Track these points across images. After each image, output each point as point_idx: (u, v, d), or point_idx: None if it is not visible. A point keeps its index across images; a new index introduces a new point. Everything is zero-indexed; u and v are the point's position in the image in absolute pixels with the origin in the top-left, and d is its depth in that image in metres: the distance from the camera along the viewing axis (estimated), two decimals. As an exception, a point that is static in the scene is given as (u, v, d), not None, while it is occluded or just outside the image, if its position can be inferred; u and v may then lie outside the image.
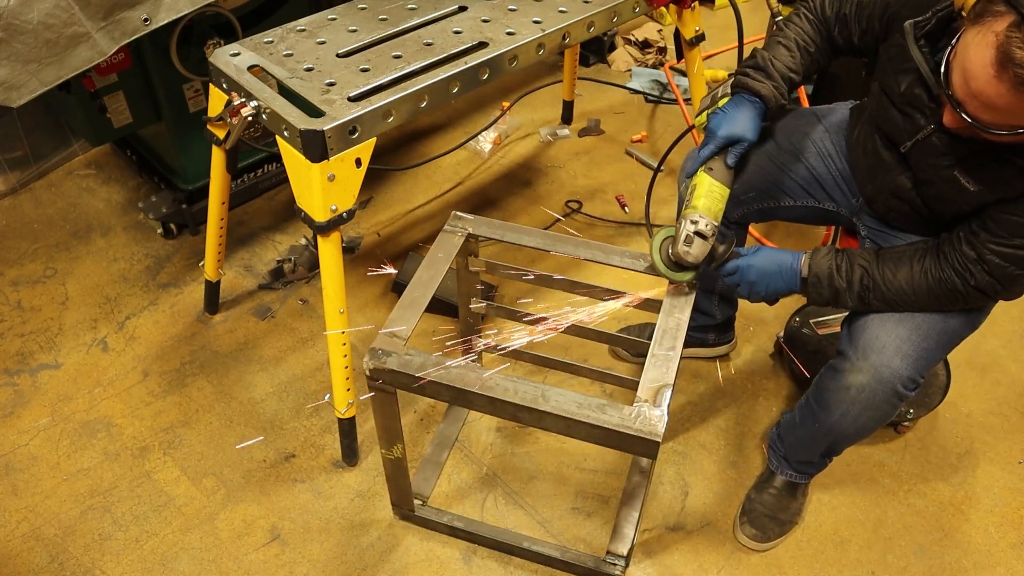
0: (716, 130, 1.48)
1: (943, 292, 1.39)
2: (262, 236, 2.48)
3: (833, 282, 1.45)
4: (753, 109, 1.48)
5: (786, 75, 1.50)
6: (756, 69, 1.51)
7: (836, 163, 1.65)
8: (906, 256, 1.43)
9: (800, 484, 1.81)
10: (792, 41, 1.53)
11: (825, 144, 1.65)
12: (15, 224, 2.49)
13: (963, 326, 1.48)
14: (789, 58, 1.51)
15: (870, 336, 1.45)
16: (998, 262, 1.33)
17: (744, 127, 1.47)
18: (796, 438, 1.72)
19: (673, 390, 1.38)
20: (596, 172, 2.77)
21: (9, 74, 1.55)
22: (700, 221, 1.44)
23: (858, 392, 1.47)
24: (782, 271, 1.48)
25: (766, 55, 1.52)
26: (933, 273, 1.39)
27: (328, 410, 2.01)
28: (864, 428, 1.56)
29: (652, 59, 3.27)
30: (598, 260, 1.63)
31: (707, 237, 1.44)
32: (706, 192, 1.47)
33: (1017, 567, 1.77)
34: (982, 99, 1.13)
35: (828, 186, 1.66)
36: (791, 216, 1.73)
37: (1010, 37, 1.07)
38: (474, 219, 1.68)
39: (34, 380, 2.07)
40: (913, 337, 1.43)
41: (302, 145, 1.43)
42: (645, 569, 1.74)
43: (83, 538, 1.76)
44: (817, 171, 1.65)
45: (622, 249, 1.64)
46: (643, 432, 1.31)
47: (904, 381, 1.43)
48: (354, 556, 1.74)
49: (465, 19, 1.74)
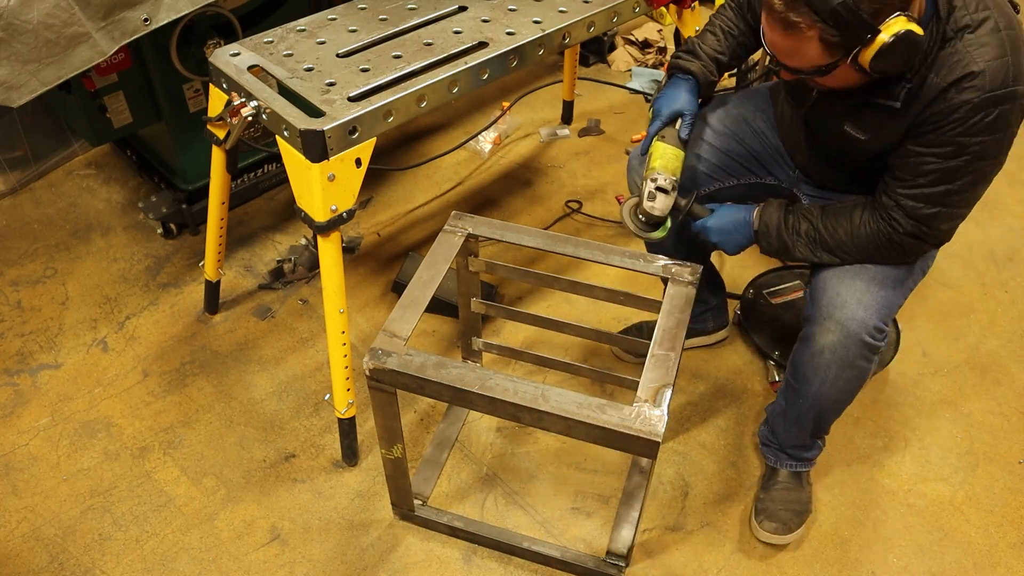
0: (661, 109, 1.63)
1: (881, 243, 1.47)
2: (262, 236, 2.48)
3: (781, 234, 1.56)
4: (688, 86, 1.64)
5: (713, 56, 1.65)
6: (687, 52, 1.67)
7: (770, 139, 1.76)
8: (846, 210, 1.51)
9: (803, 472, 1.83)
10: (718, 28, 1.68)
11: (756, 122, 1.76)
12: (15, 224, 2.49)
13: (916, 269, 1.56)
14: (715, 42, 1.67)
15: (831, 295, 1.52)
16: (912, 204, 1.41)
17: (684, 101, 1.62)
18: (785, 423, 1.75)
19: (673, 390, 1.38)
20: (596, 172, 2.77)
21: (9, 74, 1.55)
22: (659, 178, 1.57)
23: (832, 353, 1.52)
24: (737, 227, 1.61)
25: (695, 40, 1.69)
26: (870, 226, 1.47)
27: (328, 410, 2.01)
28: (844, 391, 1.61)
29: (652, 59, 3.27)
30: (598, 260, 1.64)
31: (668, 191, 1.58)
32: (661, 155, 1.60)
33: (1017, 567, 1.77)
34: (776, 48, 1.31)
35: (766, 162, 1.77)
36: (736, 195, 1.81)
37: None
38: (474, 219, 1.68)
39: (34, 380, 2.07)
40: (871, 287, 1.50)
41: (302, 145, 1.43)
42: (645, 569, 1.74)
43: (83, 538, 1.76)
44: (754, 149, 1.76)
45: (622, 249, 1.65)
46: (643, 432, 1.31)
47: (870, 330, 1.49)
48: (354, 556, 1.74)
49: (465, 19, 1.74)
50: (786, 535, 1.77)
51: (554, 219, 2.56)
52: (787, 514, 1.78)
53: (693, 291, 1.56)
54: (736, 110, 1.79)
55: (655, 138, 1.63)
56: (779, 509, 1.79)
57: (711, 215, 1.64)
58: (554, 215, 2.58)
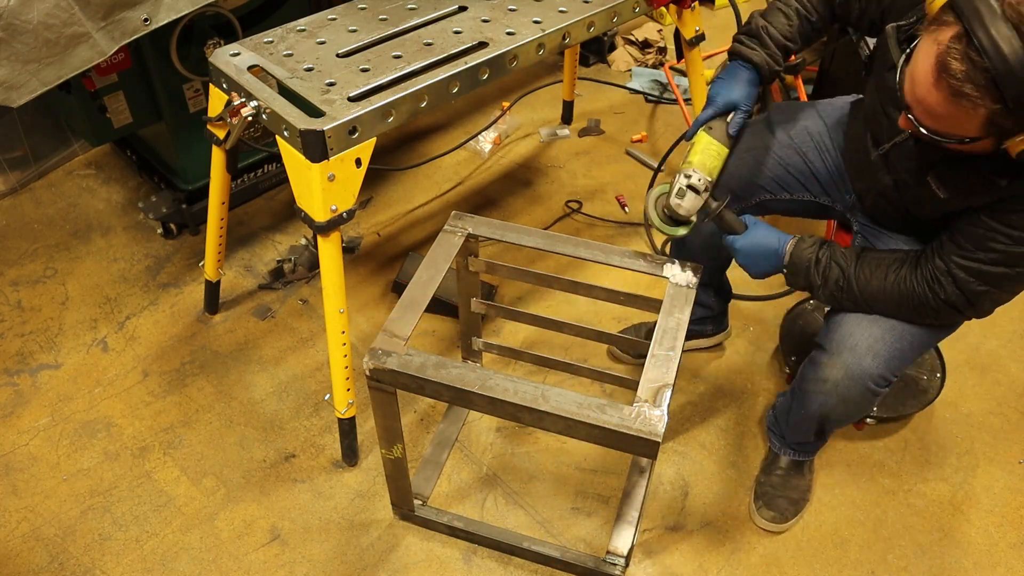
0: (715, 97, 1.53)
1: (914, 303, 1.40)
2: (262, 236, 2.48)
3: (809, 275, 1.48)
4: (748, 76, 1.53)
5: (781, 43, 1.52)
6: (750, 36, 1.54)
7: (832, 158, 1.65)
8: (885, 263, 1.43)
9: (805, 461, 1.84)
10: (793, 9, 1.54)
11: (824, 139, 1.66)
12: (15, 224, 2.49)
13: (937, 328, 1.49)
14: (786, 26, 1.53)
15: (845, 332, 1.47)
16: (963, 276, 1.33)
17: (740, 93, 1.52)
18: (788, 421, 1.75)
19: (673, 390, 1.38)
20: (596, 172, 2.77)
21: (9, 74, 1.55)
22: (694, 176, 1.48)
23: (833, 386, 1.50)
24: (767, 255, 1.52)
25: (761, 22, 1.54)
26: (907, 283, 1.40)
27: (328, 410, 2.01)
28: (845, 415, 1.59)
29: (652, 59, 3.27)
30: (598, 260, 1.63)
31: (699, 192, 1.48)
32: (703, 149, 1.51)
33: (1017, 567, 1.77)
34: (924, 106, 1.15)
35: (824, 181, 1.67)
36: (788, 210, 1.74)
37: (950, 48, 1.08)
38: (474, 219, 1.68)
39: (34, 380, 2.07)
40: (887, 337, 1.44)
41: (302, 145, 1.43)
42: (645, 569, 1.74)
43: (83, 538, 1.76)
44: (814, 165, 1.66)
45: (622, 248, 1.65)
46: (643, 432, 1.31)
47: (875, 379, 1.45)
48: (354, 556, 1.74)
49: (465, 19, 1.74)
50: (781, 524, 1.79)
51: (554, 219, 2.56)
52: (784, 502, 1.80)
53: (693, 292, 1.56)
54: (805, 121, 1.68)
55: (702, 128, 1.54)
56: (777, 496, 1.80)
57: (742, 234, 1.54)
58: (554, 215, 2.58)
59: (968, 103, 1.09)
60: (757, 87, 1.54)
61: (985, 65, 1.06)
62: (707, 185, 1.49)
